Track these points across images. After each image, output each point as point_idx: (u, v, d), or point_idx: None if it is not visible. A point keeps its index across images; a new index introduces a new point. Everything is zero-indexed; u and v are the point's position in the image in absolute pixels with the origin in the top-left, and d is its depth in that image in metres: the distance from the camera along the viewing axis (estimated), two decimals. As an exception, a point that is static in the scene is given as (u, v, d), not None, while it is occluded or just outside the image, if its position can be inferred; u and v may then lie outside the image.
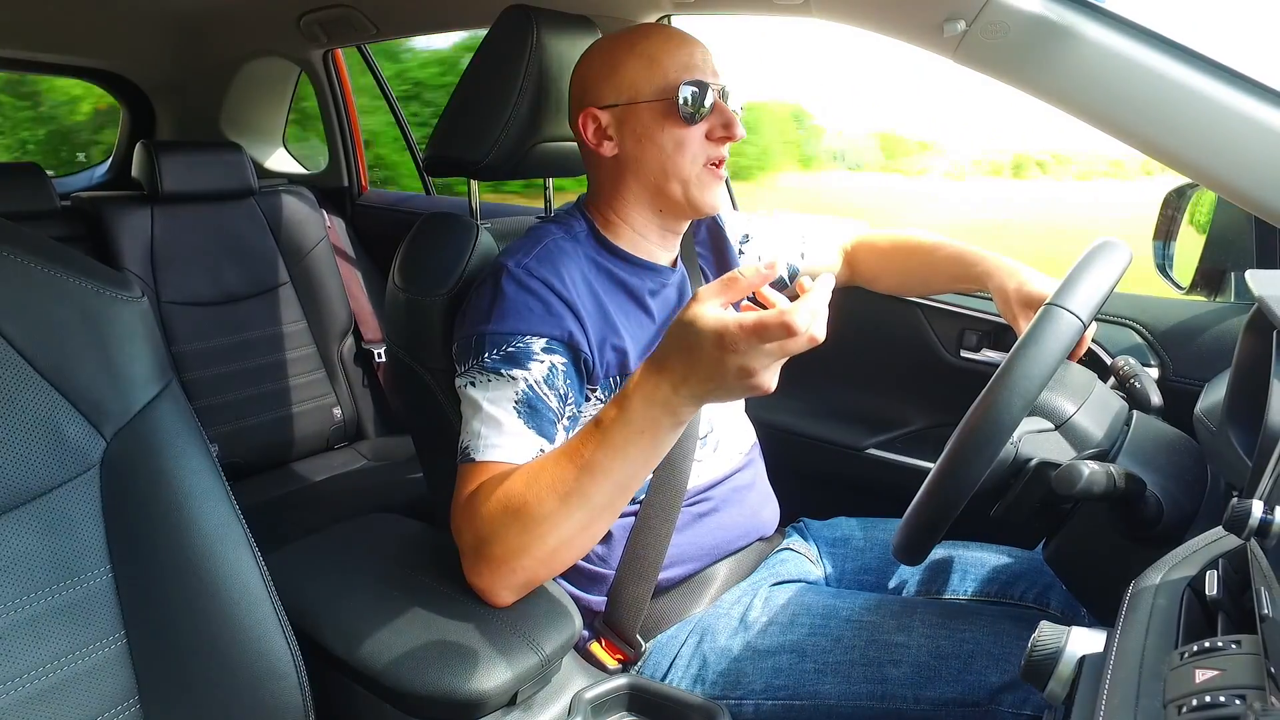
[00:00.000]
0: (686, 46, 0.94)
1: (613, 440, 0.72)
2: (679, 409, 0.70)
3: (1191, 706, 0.40)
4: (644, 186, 0.96)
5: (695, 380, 0.67)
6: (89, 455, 0.63)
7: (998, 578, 1.06)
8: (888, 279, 1.27)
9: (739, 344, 0.63)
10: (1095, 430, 0.81)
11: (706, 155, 0.94)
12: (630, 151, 0.95)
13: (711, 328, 0.64)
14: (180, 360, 1.80)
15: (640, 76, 0.93)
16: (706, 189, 0.95)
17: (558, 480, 0.75)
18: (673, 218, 0.99)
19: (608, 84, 0.94)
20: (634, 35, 0.96)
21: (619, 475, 0.74)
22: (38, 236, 0.64)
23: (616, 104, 0.94)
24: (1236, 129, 0.85)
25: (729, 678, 0.92)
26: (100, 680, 0.63)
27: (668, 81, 0.91)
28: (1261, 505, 0.45)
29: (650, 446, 0.73)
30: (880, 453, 1.45)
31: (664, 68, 0.92)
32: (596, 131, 0.95)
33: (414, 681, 0.72)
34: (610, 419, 0.72)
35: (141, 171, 1.85)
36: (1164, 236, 1.19)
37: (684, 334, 0.66)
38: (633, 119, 0.93)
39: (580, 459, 0.74)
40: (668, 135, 0.92)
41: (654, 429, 0.71)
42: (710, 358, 0.64)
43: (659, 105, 0.92)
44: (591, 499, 0.75)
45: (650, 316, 0.99)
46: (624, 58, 0.94)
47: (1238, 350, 0.75)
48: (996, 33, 0.93)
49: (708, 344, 0.64)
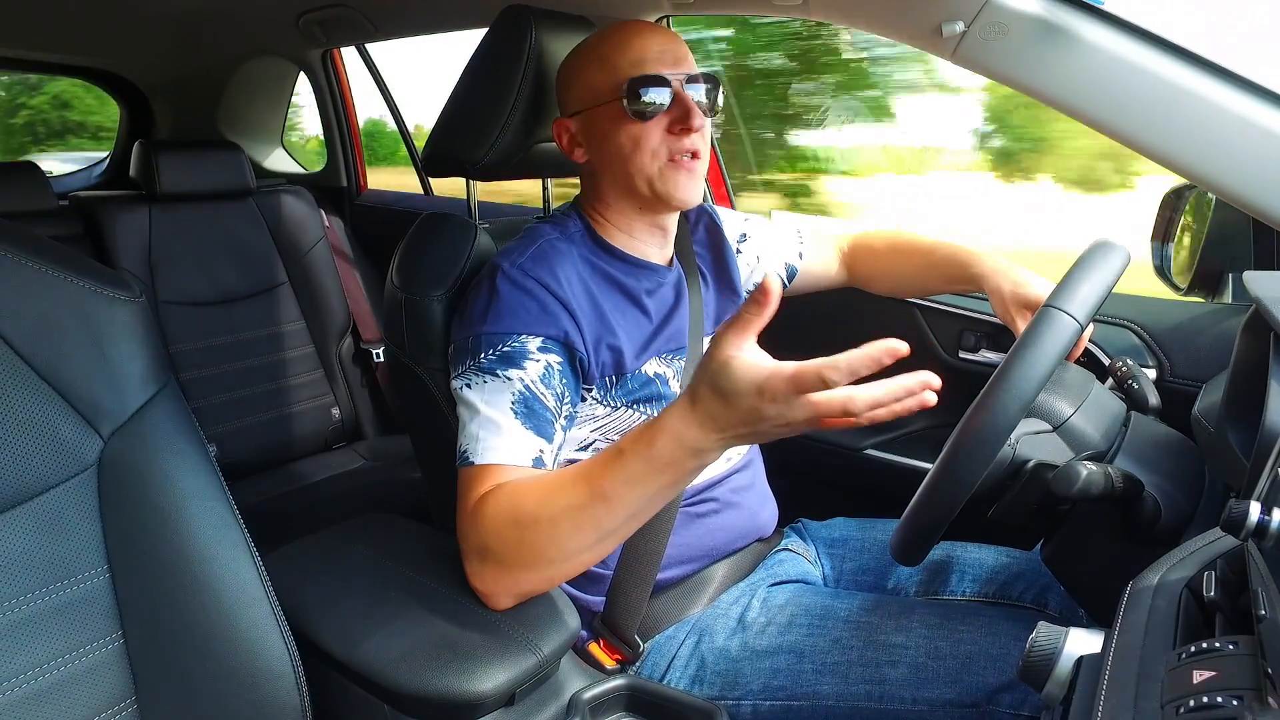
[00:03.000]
0: (640, 40, 0.91)
1: (633, 473, 0.71)
2: (707, 452, 0.68)
3: (1189, 707, 0.41)
4: (617, 187, 0.97)
5: (731, 425, 0.65)
6: (86, 455, 0.63)
7: (996, 578, 1.06)
8: (885, 280, 1.27)
9: (780, 392, 0.60)
10: (1093, 432, 0.81)
11: (669, 149, 0.92)
12: (596, 156, 0.96)
13: (750, 375, 0.62)
14: (178, 360, 1.80)
15: (595, 80, 0.92)
16: (671, 183, 0.93)
17: (572, 503, 0.74)
18: (653, 213, 0.99)
19: (570, 93, 0.96)
20: (594, 39, 0.96)
21: (634, 506, 0.73)
22: (35, 236, 0.63)
23: (579, 111, 0.95)
24: (1234, 131, 0.85)
25: (727, 678, 0.92)
26: (97, 680, 0.63)
27: (618, 80, 0.90)
28: (1259, 506, 0.45)
29: (671, 484, 0.72)
30: (878, 453, 1.46)
31: (615, 66, 0.91)
32: (570, 140, 0.97)
33: (411, 681, 0.72)
34: (633, 451, 0.71)
35: (139, 171, 1.85)
36: (1162, 238, 1.19)
37: (717, 380, 0.64)
38: (593, 124, 0.94)
39: (599, 487, 0.73)
40: (625, 135, 0.92)
41: (677, 468, 0.70)
42: (749, 406, 0.62)
43: (614, 106, 0.91)
44: (603, 525, 0.74)
45: (647, 316, 0.99)
46: (582, 64, 0.94)
47: (1235, 351, 0.75)
48: (995, 34, 0.94)
49: (748, 392, 0.62)
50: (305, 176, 2.51)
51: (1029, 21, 0.91)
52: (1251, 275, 0.71)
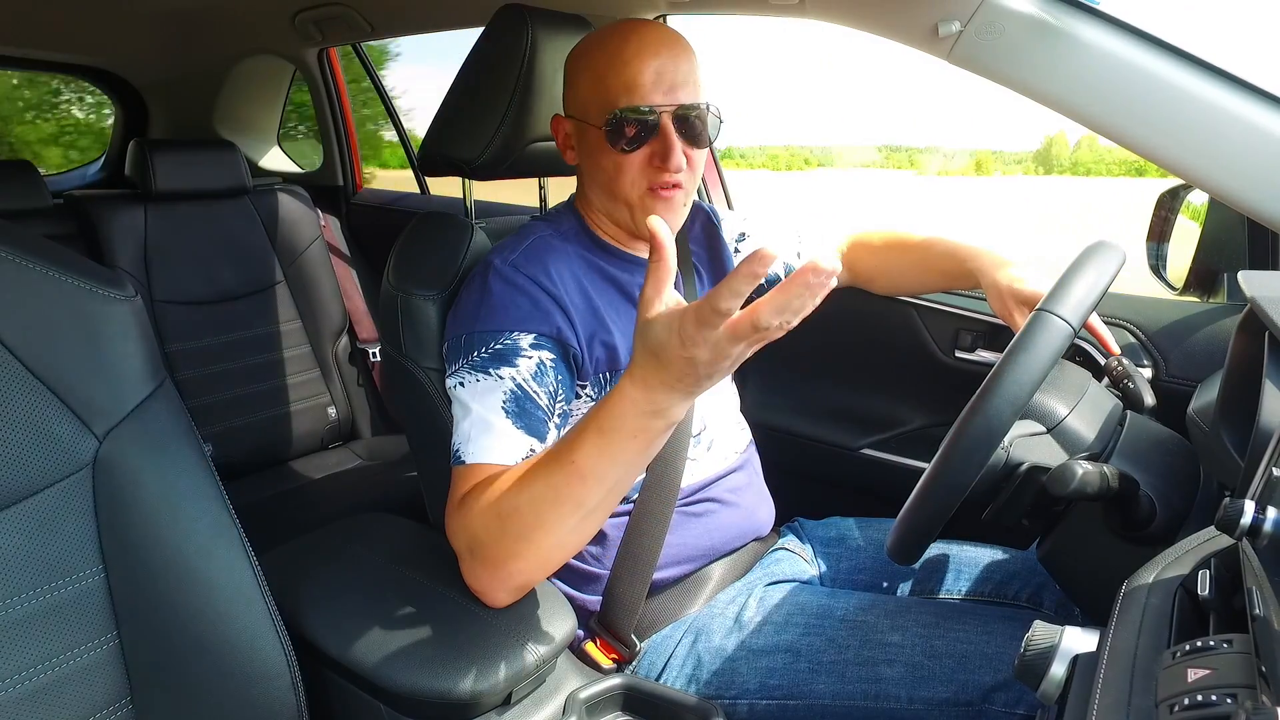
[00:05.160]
0: (637, 61, 0.88)
1: (605, 446, 0.71)
2: (669, 409, 0.68)
3: (1183, 705, 0.41)
4: (601, 198, 0.97)
5: (674, 378, 0.65)
6: (81, 455, 0.62)
7: (991, 577, 1.06)
8: (884, 278, 1.28)
9: (695, 336, 0.60)
10: (1087, 433, 0.81)
11: (649, 180, 0.91)
12: (584, 165, 0.97)
13: (665, 328, 0.62)
14: (173, 359, 1.80)
15: (588, 95, 0.92)
16: (648, 212, 0.91)
17: (549, 485, 0.74)
18: (628, 233, 0.99)
19: (569, 94, 0.96)
20: (591, 43, 0.93)
21: (610, 478, 0.73)
22: (30, 234, 0.63)
23: (573, 117, 0.95)
24: (1229, 131, 0.86)
25: (723, 677, 0.92)
26: (92, 680, 0.63)
27: (607, 105, 0.89)
28: (1253, 505, 0.45)
29: (642, 449, 0.71)
30: (875, 453, 1.46)
31: (607, 88, 0.89)
32: (565, 138, 0.97)
33: (408, 681, 0.72)
34: (600, 426, 0.71)
35: (135, 170, 1.84)
36: (1157, 237, 1.19)
37: (645, 339, 0.64)
38: (582, 136, 0.94)
39: (571, 464, 0.72)
40: (608, 158, 0.91)
41: (645, 432, 0.70)
42: (677, 357, 0.62)
43: (600, 130, 0.90)
44: (583, 502, 0.74)
45: (642, 313, 0.99)
46: (579, 70, 0.94)
47: (1230, 351, 0.75)
48: (991, 34, 0.94)
49: (671, 345, 0.62)
50: (301, 175, 2.50)
51: (1025, 21, 0.91)
52: (1246, 275, 0.71)
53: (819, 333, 1.07)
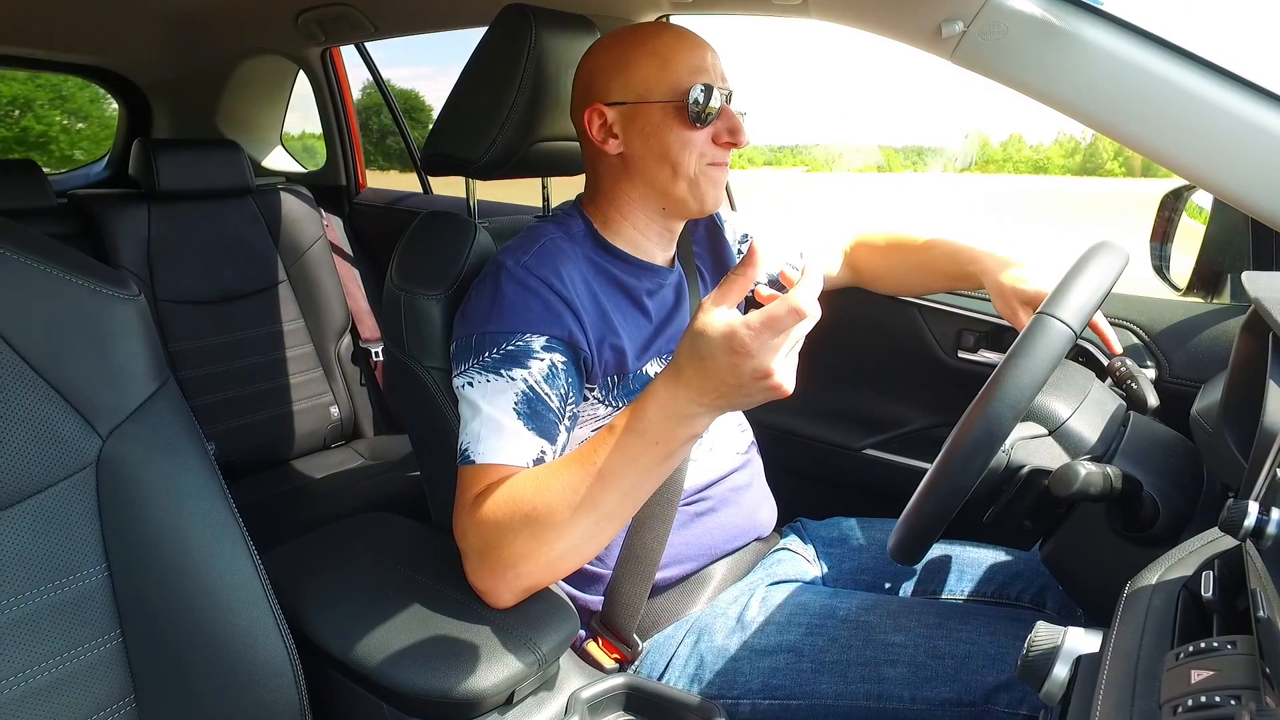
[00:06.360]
0: (698, 49, 0.94)
1: (626, 448, 0.72)
2: (695, 420, 0.69)
3: (1187, 707, 0.41)
4: (649, 184, 0.96)
5: (712, 389, 0.66)
6: (84, 453, 0.63)
7: (994, 578, 1.06)
8: (888, 279, 1.28)
9: (749, 344, 0.62)
10: (1089, 435, 0.81)
11: (710, 157, 0.94)
12: (637, 150, 0.95)
13: (720, 333, 0.63)
14: (177, 358, 1.80)
15: (651, 76, 0.92)
16: (709, 188, 0.95)
17: (567, 487, 0.74)
18: (674, 216, 1.00)
19: (616, 81, 0.94)
20: (645, 33, 0.95)
21: (629, 484, 0.73)
22: (34, 234, 0.63)
23: (625, 102, 0.94)
24: (1234, 131, 0.85)
25: (726, 677, 0.92)
26: (95, 679, 0.63)
27: (679, 83, 0.91)
28: (1257, 507, 0.45)
29: (664, 457, 0.72)
30: (877, 453, 1.46)
31: (675, 69, 0.92)
32: (602, 128, 0.95)
33: (410, 680, 0.72)
34: (624, 427, 0.72)
35: (138, 169, 1.85)
36: (1161, 238, 1.19)
37: (695, 344, 0.65)
38: (641, 118, 0.93)
39: (592, 466, 0.73)
40: (675, 136, 0.92)
41: (669, 440, 0.70)
42: (724, 365, 0.64)
43: (669, 106, 0.92)
44: (600, 506, 0.74)
45: (647, 317, 0.99)
46: (635, 55, 0.93)
47: (1234, 352, 0.75)
48: (995, 34, 0.94)
49: (720, 351, 0.63)
50: (304, 175, 2.51)
51: (1029, 21, 0.91)
52: (1250, 275, 0.71)
53: (821, 333, 1.07)
